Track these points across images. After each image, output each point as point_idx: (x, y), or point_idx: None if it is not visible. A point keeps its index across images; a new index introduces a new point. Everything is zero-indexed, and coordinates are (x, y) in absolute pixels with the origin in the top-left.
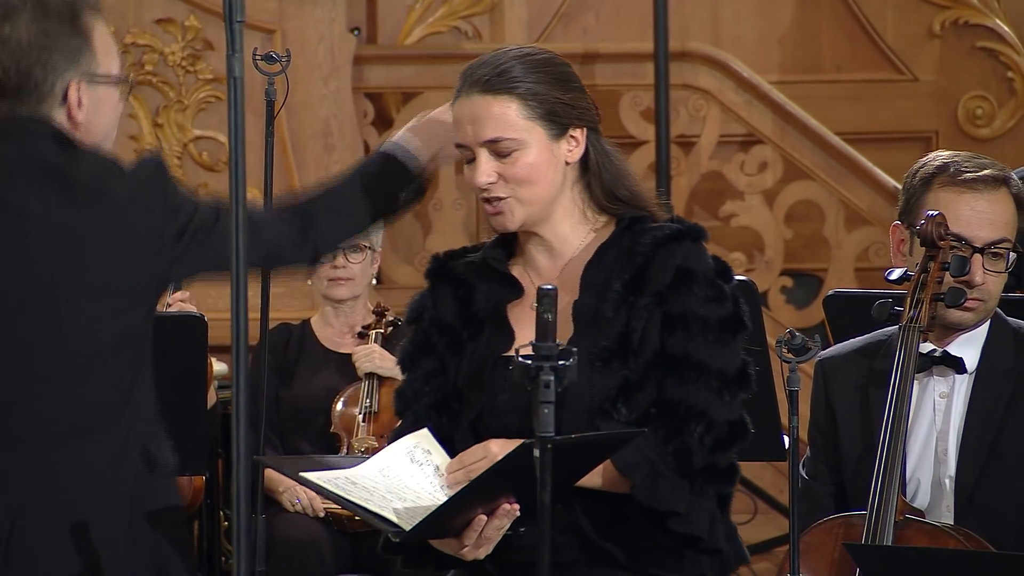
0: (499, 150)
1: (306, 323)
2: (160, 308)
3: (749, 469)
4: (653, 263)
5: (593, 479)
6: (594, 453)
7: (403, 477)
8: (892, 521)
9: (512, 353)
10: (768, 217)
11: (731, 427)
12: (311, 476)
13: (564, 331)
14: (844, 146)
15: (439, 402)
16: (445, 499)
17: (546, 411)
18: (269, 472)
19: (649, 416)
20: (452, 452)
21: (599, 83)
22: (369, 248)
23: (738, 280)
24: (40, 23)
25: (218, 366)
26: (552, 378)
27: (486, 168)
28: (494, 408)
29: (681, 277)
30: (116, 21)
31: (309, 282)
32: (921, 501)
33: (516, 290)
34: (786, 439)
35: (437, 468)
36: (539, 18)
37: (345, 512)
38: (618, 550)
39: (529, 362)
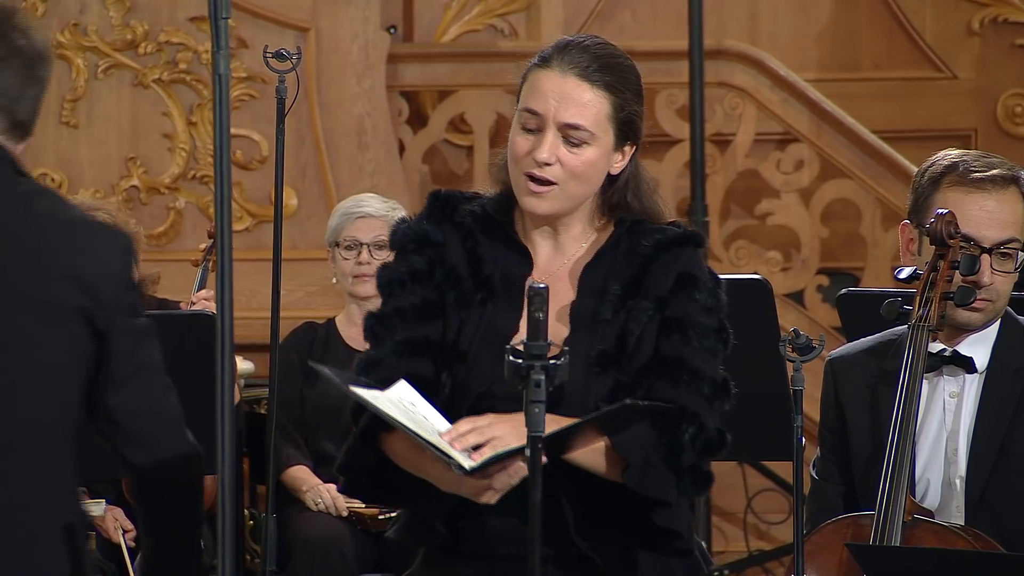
0: (571, 136)
1: (331, 322)
2: (184, 306)
3: (784, 469)
4: (654, 266)
5: (587, 457)
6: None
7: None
8: (900, 521)
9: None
10: (804, 216)
11: (719, 434)
12: (359, 390)
13: (561, 331)
14: (881, 144)
15: (423, 341)
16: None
17: (536, 410)
18: (293, 472)
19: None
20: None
21: None
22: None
23: (753, 279)
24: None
25: (243, 364)
26: (543, 377)
27: (552, 146)
28: (495, 387)
29: (683, 282)
30: (150, 19)
31: (333, 280)
32: (931, 501)
33: (526, 262)
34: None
35: (425, 418)
36: (576, 16)
37: (368, 512)
38: (595, 552)
39: (520, 361)
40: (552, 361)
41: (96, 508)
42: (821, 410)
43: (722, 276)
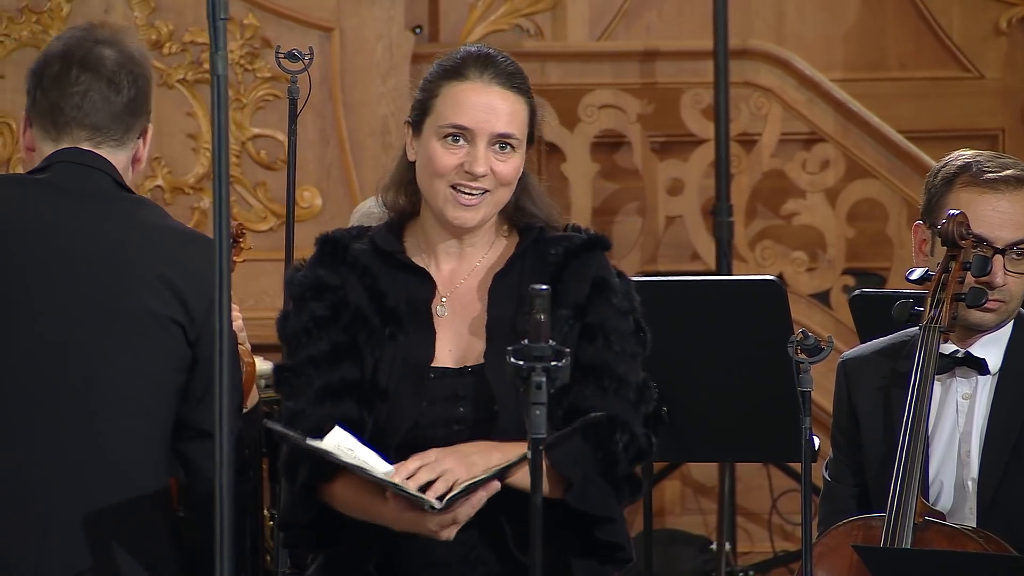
0: (501, 144)
1: None
2: None
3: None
4: (566, 273)
5: (526, 479)
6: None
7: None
8: (911, 523)
9: (438, 364)
10: (830, 216)
11: (647, 439)
12: (317, 443)
13: (477, 344)
14: (907, 144)
15: (340, 384)
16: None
17: (538, 412)
18: None
19: (565, 424)
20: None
21: (660, 80)
22: None
23: (767, 280)
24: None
25: (263, 365)
26: (544, 379)
27: (486, 158)
28: (420, 419)
29: (598, 288)
30: (175, 20)
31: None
32: (944, 503)
33: (428, 285)
34: (816, 440)
35: (366, 462)
36: (601, 15)
37: None
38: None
39: (521, 363)
40: (554, 363)
41: None
42: (834, 411)
43: (734, 277)
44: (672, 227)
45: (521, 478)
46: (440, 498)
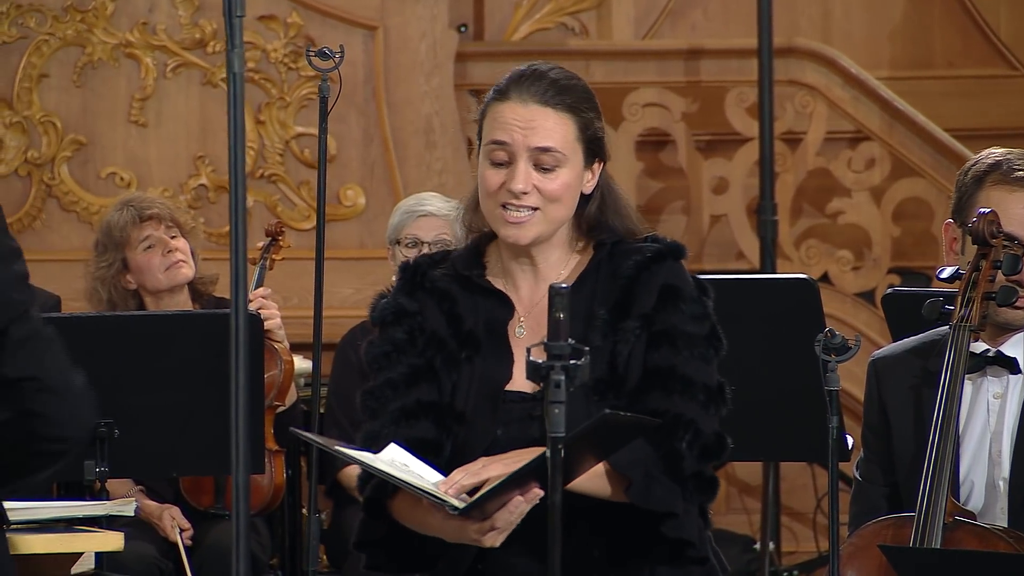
0: (543, 162)
1: None
2: None
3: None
4: (636, 286)
5: (589, 483)
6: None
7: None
8: (941, 523)
9: (513, 387)
10: (876, 214)
11: (717, 438)
12: (346, 450)
13: None
14: (953, 142)
15: (417, 405)
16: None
17: (556, 411)
18: (349, 471)
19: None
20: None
21: (704, 79)
22: (450, 242)
23: (799, 278)
24: None
25: (302, 364)
26: (563, 378)
27: (526, 175)
28: (495, 442)
29: (666, 295)
30: (218, 18)
31: (393, 278)
32: (975, 503)
33: (506, 307)
34: (849, 439)
35: (420, 476)
36: (646, 14)
37: None
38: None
39: (540, 361)
40: (572, 361)
41: (127, 508)
42: (864, 411)
43: (770, 276)
44: (717, 226)
45: (587, 482)
46: (444, 502)
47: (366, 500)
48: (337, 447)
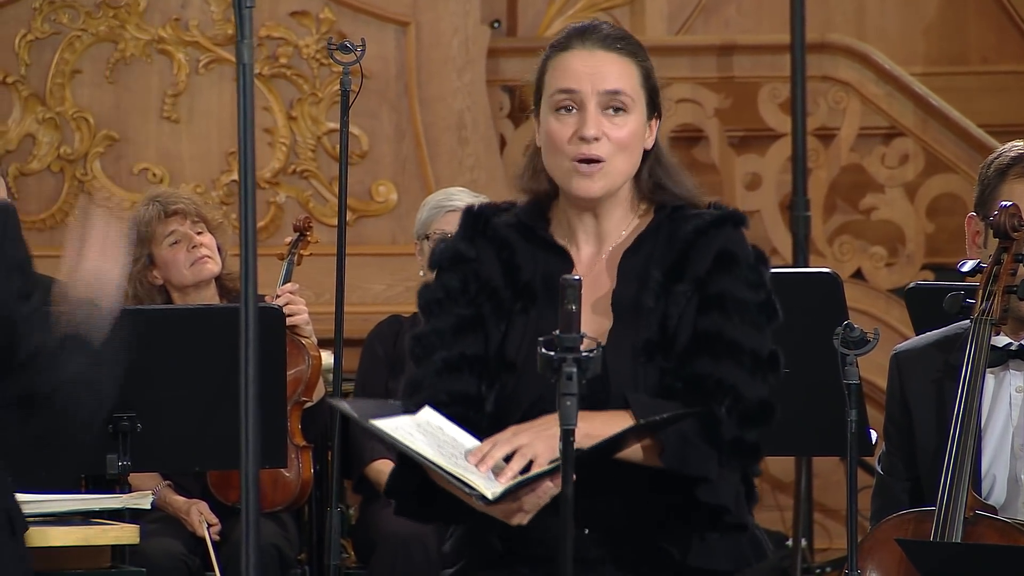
0: (613, 104)
1: (416, 316)
2: (269, 299)
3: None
4: (693, 250)
5: (636, 452)
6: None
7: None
8: (962, 517)
9: None
10: (909, 210)
11: (760, 405)
12: (377, 424)
13: (604, 322)
14: (987, 138)
15: (461, 358)
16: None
17: (568, 403)
18: (377, 465)
19: (675, 390)
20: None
21: (737, 75)
22: None
23: (823, 272)
24: None
25: (329, 358)
26: (575, 370)
27: (596, 120)
28: (545, 394)
29: (721, 260)
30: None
31: (421, 272)
32: (997, 498)
33: (566, 263)
34: (873, 433)
35: (455, 439)
36: (680, 10)
37: None
38: (673, 545)
39: (552, 353)
40: (585, 354)
41: (143, 501)
42: (886, 404)
43: (793, 270)
44: (750, 222)
45: (632, 451)
46: (475, 492)
47: (400, 454)
48: (371, 422)
